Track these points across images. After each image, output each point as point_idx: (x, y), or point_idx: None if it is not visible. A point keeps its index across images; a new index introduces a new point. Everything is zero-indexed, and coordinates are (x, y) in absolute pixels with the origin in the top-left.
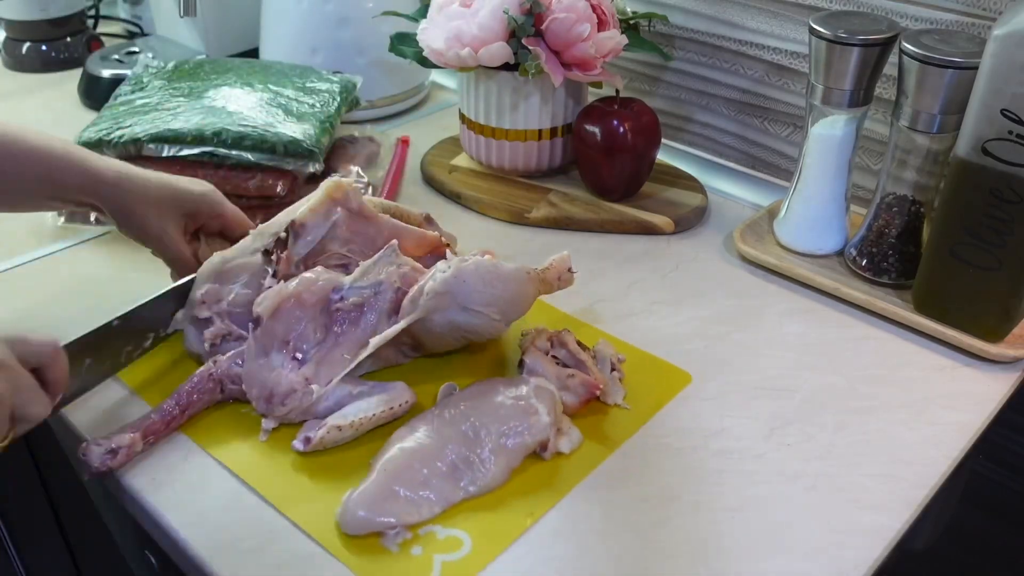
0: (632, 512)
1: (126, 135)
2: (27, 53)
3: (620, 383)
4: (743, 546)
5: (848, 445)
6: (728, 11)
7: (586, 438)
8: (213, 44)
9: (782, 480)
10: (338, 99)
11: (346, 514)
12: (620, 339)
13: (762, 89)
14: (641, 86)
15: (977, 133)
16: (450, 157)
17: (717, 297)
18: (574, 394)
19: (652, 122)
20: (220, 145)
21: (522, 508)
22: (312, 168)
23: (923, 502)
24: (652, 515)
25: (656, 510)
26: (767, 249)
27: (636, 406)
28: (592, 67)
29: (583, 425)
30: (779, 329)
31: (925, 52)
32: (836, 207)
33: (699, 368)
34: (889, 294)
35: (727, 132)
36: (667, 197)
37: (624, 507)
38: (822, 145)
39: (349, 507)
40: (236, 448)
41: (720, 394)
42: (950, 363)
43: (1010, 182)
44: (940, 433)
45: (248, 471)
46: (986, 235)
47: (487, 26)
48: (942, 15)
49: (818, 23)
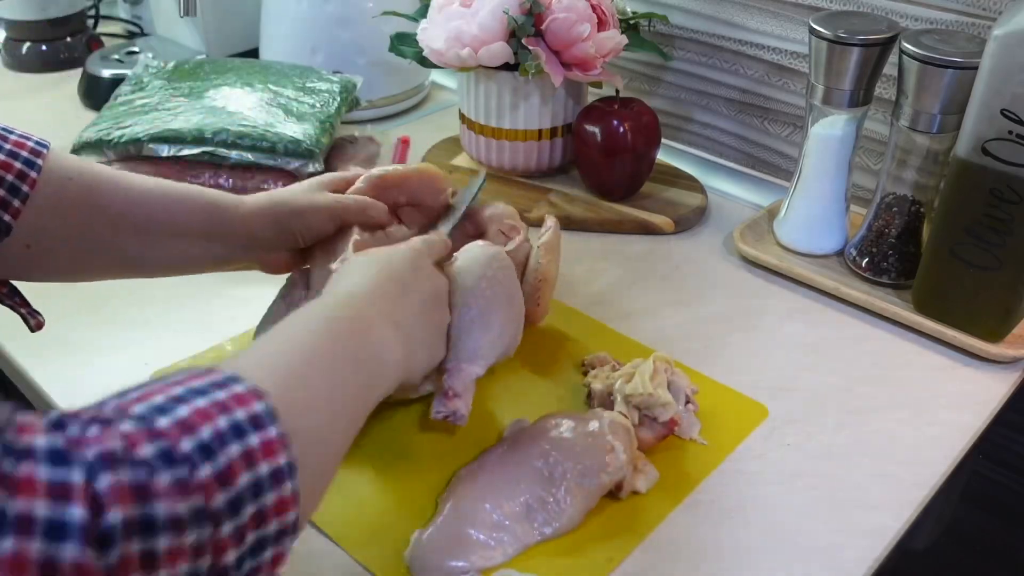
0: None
1: (126, 135)
2: (27, 53)
3: (695, 416)
4: (743, 546)
5: (848, 445)
6: (728, 11)
7: (662, 475)
8: (213, 44)
9: (782, 480)
10: (338, 99)
11: (417, 557)
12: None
13: (762, 89)
14: (641, 86)
15: (977, 133)
16: (450, 157)
17: (717, 297)
18: (650, 429)
19: (652, 122)
20: (220, 145)
21: (600, 551)
22: (312, 168)
23: (923, 502)
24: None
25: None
26: (767, 249)
27: (712, 439)
28: (592, 67)
29: (658, 461)
30: (779, 329)
31: (925, 52)
32: (836, 207)
33: (700, 368)
34: (889, 294)
35: (727, 132)
36: (667, 197)
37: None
38: (822, 145)
39: (421, 550)
40: None
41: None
42: (950, 363)
43: (1010, 182)
44: (940, 433)
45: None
46: (986, 235)
47: (487, 26)
48: (942, 15)
49: (818, 23)
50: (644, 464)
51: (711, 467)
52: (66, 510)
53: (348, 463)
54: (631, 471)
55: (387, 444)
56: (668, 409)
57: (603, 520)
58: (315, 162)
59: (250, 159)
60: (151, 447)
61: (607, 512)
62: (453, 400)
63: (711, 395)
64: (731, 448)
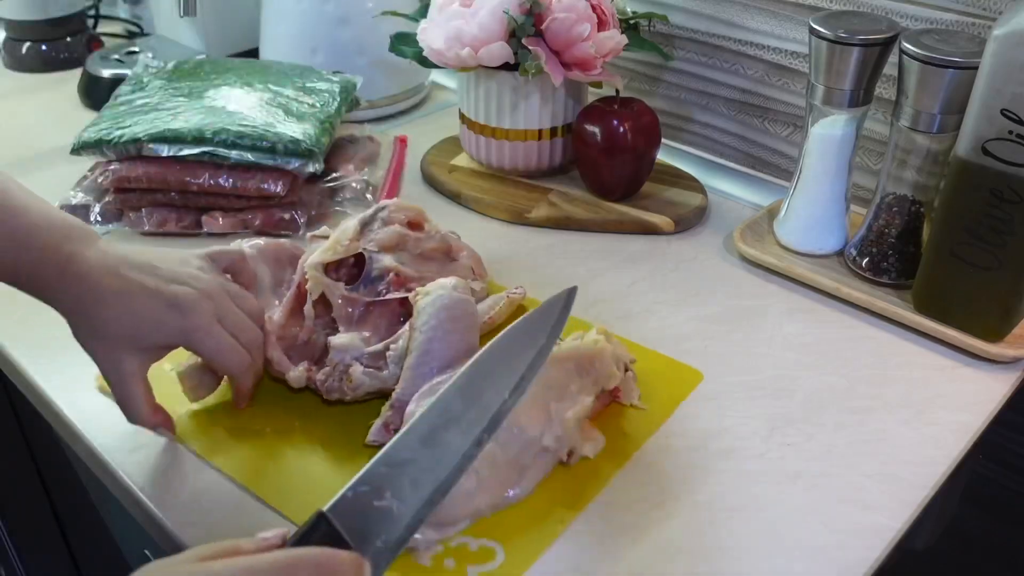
0: (642, 514)
1: (126, 135)
2: (27, 53)
3: (634, 383)
4: (743, 546)
5: (848, 445)
6: (728, 11)
7: (607, 440)
8: (213, 44)
9: (782, 480)
10: (338, 99)
11: None
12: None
13: (762, 89)
14: (641, 86)
15: (977, 133)
16: (450, 157)
17: (717, 297)
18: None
19: (652, 122)
20: (220, 145)
21: (552, 515)
22: (312, 168)
23: (923, 502)
24: (652, 515)
25: (656, 510)
26: (767, 249)
27: (651, 405)
28: (592, 67)
29: (602, 426)
30: (779, 329)
31: (925, 52)
32: (836, 207)
33: (699, 368)
34: (889, 294)
35: (727, 132)
36: (667, 197)
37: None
38: (822, 145)
39: None
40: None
41: (720, 394)
42: (950, 363)
43: (1010, 182)
44: (940, 433)
45: (252, 477)
46: (986, 235)
47: (487, 26)
48: (942, 15)
49: (818, 23)
50: (591, 431)
51: (652, 430)
52: None
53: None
54: (580, 438)
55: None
56: (612, 379)
57: (553, 485)
58: (315, 162)
59: (250, 159)
60: None
61: (557, 477)
62: (391, 434)
63: (645, 361)
64: (669, 412)
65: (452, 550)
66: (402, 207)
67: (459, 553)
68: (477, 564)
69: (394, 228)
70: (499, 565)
